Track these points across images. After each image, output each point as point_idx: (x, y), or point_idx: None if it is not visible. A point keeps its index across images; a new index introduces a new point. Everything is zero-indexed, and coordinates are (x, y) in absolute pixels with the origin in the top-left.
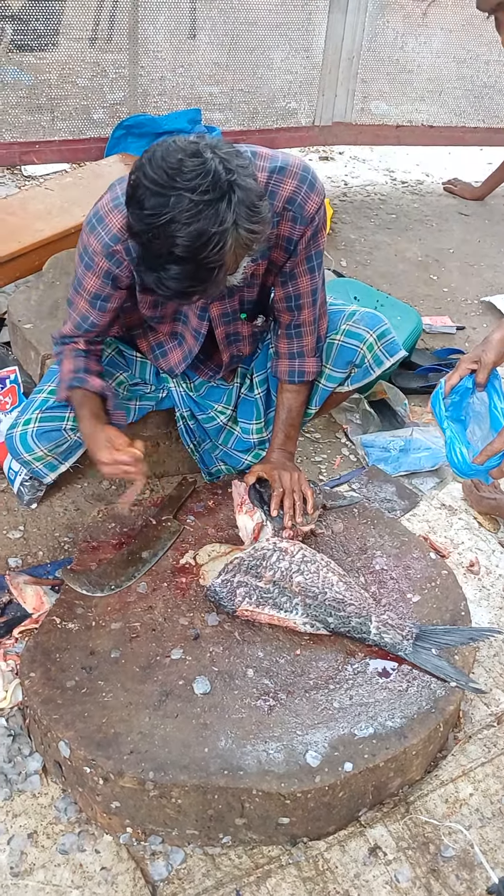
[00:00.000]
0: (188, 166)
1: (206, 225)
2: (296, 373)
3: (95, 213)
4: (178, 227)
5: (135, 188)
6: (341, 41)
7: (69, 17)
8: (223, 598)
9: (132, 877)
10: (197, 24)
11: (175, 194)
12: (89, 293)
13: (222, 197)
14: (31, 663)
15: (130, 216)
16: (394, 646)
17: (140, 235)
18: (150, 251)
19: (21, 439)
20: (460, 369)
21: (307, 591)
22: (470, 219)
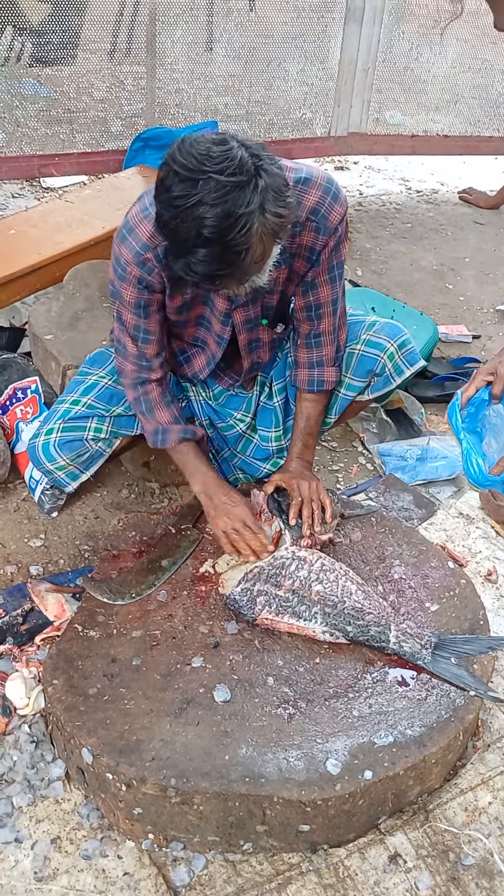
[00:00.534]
0: (216, 152)
1: (233, 206)
2: (315, 382)
3: (125, 224)
4: (206, 209)
5: (163, 178)
6: (356, 52)
7: (88, 30)
8: (243, 606)
9: (154, 882)
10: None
11: (203, 178)
12: (131, 304)
13: (249, 180)
14: (54, 670)
15: (158, 205)
16: (412, 654)
17: (168, 222)
18: (178, 236)
19: (43, 449)
20: (476, 381)
21: (326, 599)
22: (485, 227)
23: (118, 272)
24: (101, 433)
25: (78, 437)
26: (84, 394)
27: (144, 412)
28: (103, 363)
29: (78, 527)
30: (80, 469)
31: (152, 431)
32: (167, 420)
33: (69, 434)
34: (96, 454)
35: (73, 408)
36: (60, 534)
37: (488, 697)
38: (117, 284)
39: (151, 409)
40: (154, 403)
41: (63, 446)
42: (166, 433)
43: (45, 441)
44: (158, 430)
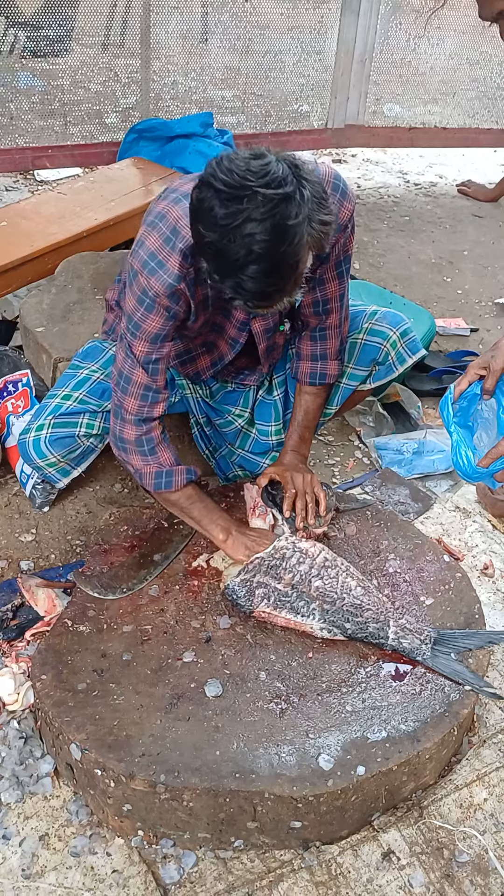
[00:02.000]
0: (255, 166)
1: (281, 219)
2: (317, 375)
3: (152, 257)
4: (255, 226)
5: (201, 200)
6: (353, 44)
7: (82, 22)
8: (241, 597)
9: (143, 880)
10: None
11: (248, 193)
12: (150, 334)
13: (294, 191)
14: (43, 666)
15: (201, 227)
16: (412, 651)
17: (214, 243)
18: (227, 256)
19: (34, 445)
20: (469, 375)
21: (325, 596)
22: (484, 220)
23: (144, 303)
24: (93, 429)
25: (69, 434)
26: (76, 388)
27: (146, 452)
28: (95, 357)
29: (70, 521)
30: (72, 465)
31: (153, 474)
32: (170, 461)
33: (60, 430)
34: (88, 450)
35: (64, 403)
36: (52, 528)
37: (487, 694)
38: (138, 315)
39: (154, 450)
40: (157, 443)
41: (54, 443)
42: (171, 475)
43: (36, 437)
44: (161, 472)
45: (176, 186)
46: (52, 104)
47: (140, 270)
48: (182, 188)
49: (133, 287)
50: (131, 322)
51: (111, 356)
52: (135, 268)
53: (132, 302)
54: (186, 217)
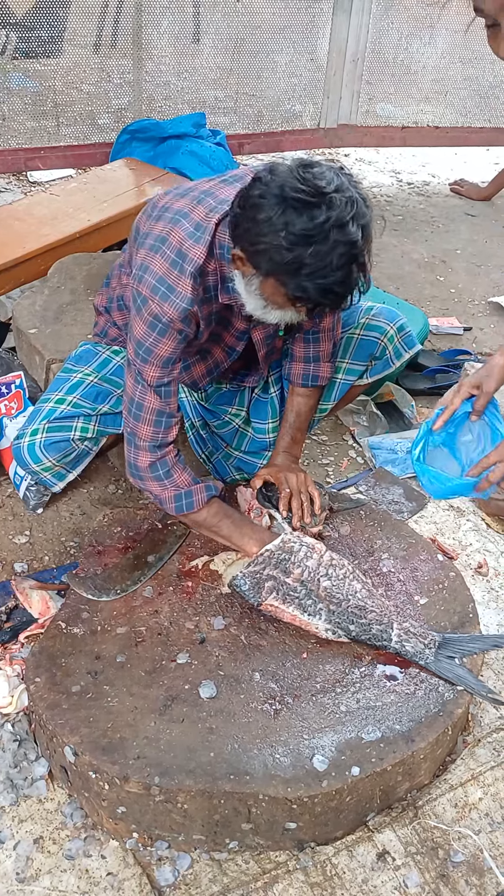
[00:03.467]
0: (317, 173)
1: (363, 218)
2: (310, 377)
3: (161, 282)
4: (346, 228)
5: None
6: (345, 43)
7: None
8: (248, 589)
9: (138, 882)
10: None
11: (326, 200)
12: (161, 359)
13: (358, 193)
14: (37, 668)
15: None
16: (415, 654)
17: (301, 254)
18: (318, 262)
19: (29, 450)
20: (461, 394)
21: (332, 597)
22: (477, 219)
23: (157, 328)
24: (87, 432)
25: (64, 438)
26: (69, 392)
27: (162, 477)
28: (88, 360)
29: (64, 523)
30: (67, 469)
31: (172, 497)
32: (188, 482)
33: (55, 434)
34: (83, 453)
35: (58, 407)
36: (45, 530)
37: (492, 700)
38: (150, 341)
39: (169, 473)
40: (171, 465)
41: (49, 447)
42: (191, 496)
43: (31, 442)
44: (181, 494)
45: (166, 204)
46: (45, 105)
47: (150, 297)
48: (175, 205)
49: (143, 313)
50: (142, 348)
51: (105, 359)
52: (143, 294)
53: (142, 328)
54: (190, 239)
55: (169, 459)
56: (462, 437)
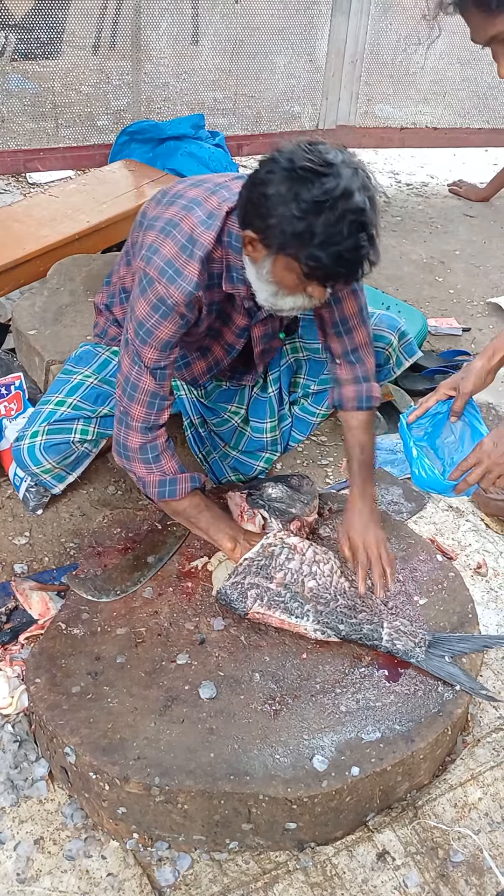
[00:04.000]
0: (323, 148)
1: (370, 188)
2: (363, 398)
3: (169, 265)
4: (354, 195)
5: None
6: (344, 44)
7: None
8: (235, 600)
9: (139, 883)
10: (199, 30)
11: (333, 170)
12: (161, 341)
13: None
14: (37, 669)
15: (289, 210)
16: (406, 653)
17: (313, 222)
18: (328, 229)
19: (29, 452)
20: (438, 394)
21: (319, 597)
22: (475, 220)
23: (160, 310)
24: (87, 434)
25: (64, 440)
26: (69, 394)
27: (150, 461)
28: (88, 362)
29: (63, 524)
30: (67, 471)
31: (156, 482)
32: (174, 469)
33: (55, 437)
34: (83, 455)
35: (58, 409)
36: (45, 531)
37: (483, 696)
38: (152, 323)
39: (158, 458)
40: (161, 450)
41: (49, 449)
42: (175, 483)
43: (31, 444)
44: (165, 480)
45: (179, 192)
46: (44, 106)
47: (157, 278)
48: (188, 193)
49: (148, 294)
50: (142, 328)
51: (104, 360)
52: (150, 275)
53: (145, 309)
54: (202, 226)
55: (159, 444)
56: (444, 439)
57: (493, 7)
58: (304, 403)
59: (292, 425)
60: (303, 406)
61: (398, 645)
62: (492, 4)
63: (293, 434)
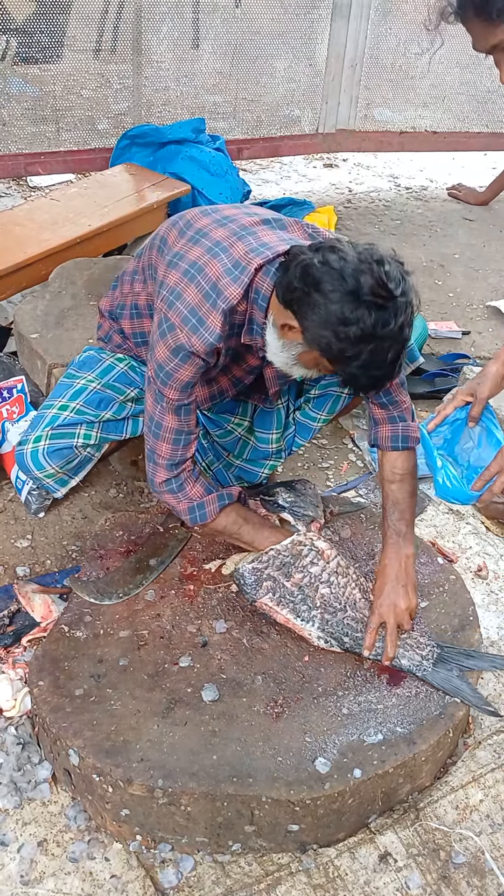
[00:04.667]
0: (389, 273)
1: (409, 323)
2: (399, 437)
3: (193, 313)
4: (398, 331)
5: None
6: (344, 48)
7: (73, 29)
8: (248, 584)
9: (142, 884)
10: (200, 34)
11: (394, 305)
12: (181, 383)
13: (412, 297)
14: (40, 672)
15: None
16: (411, 667)
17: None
18: (374, 357)
19: (32, 457)
20: (455, 401)
21: (328, 605)
22: (474, 223)
23: (180, 355)
24: (90, 439)
25: (67, 445)
26: (72, 399)
27: (174, 490)
28: (92, 366)
29: (65, 527)
30: (70, 475)
31: (186, 510)
32: (200, 494)
33: (58, 441)
34: (86, 459)
35: (61, 413)
36: (47, 534)
37: (489, 713)
38: (172, 366)
39: (182, 486)
40: (184, 479)
41: (52, 454)
42: (203, 507)
43: (34, 449)
44: (193, 506)
45: (203, 229)
46: (45, 110)
47: (180, 326)
48: (214, 234)
49: (167, 339)
50: (162, 371)
51: (108, 366)
52: (172, 321)
53: (165, 353)
54: (227, 276)
55: (184, 475)
56: (463, 444)
57: (494, 16)
58: (305, 409)
59: (295, 432)
60: (304, 412)
61: (402, 661)
62: (493, 14)
63: (296, 440)
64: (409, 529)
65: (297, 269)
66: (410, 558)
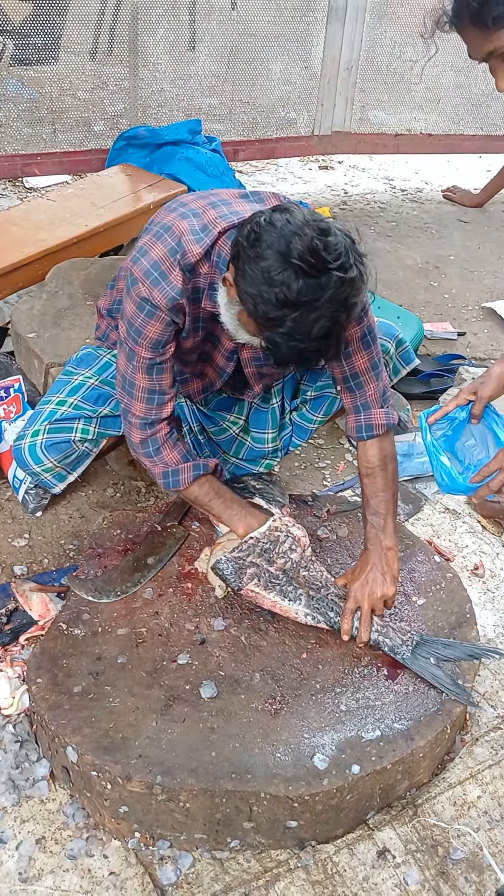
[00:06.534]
0: (329, 244)
1: (349, 301)
2: (363, 427)
3: (155, 267)
4: (329, 306)
5: (268, 271)
6: (339, 51)
7: (69, 30)
8: (231, 573)
9: (141, 882)
10: (196, 36)
11: (326, 276)
12: (151, 340)
13: (358, 275)
14: (38, 669)
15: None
16: (392, 648)
17: (286, 314)
18: (297, 327)
19: (30, 450)
20: (459, 399)
21: (311, 583)
22: (469, 225)
23: (146, 310)
24: (88, 434)
25: (65, 439)
26: (70, 394)
27: (151, 454)
28: (89, 363)
29: (63, 526)
30: (67, 470)
31: (161, 474)
32: (176, 460)
33: (56, 435)
34: (83, 455)
35: (59, 409)
36: (45, 533)
37: (463, 701)
38: (139, 322)
39: (159, 450)
40: (161, 443)
41: (50, 448)
42: (177, 474)
43: (32, 443)
44: (168, 472)
45: (184, 201)
46: (41, 112)
47: (142, 279)
48: (191, 204)
49: (132, 294)
50: (132, 328)
51: (106, 362)
52: (135, 275)
53: (132, 308)
54: (191, 234)
55: (160, 437)
56: (465, 442)
57: (489, 24)
58: (302, 410)
59: (292, 433)
60: (301, 413)
61: (386, 640)
62: (488, 22)
63: (293, 440)
64: (388, 522)
65: (246, 227)
66: (391, 550)
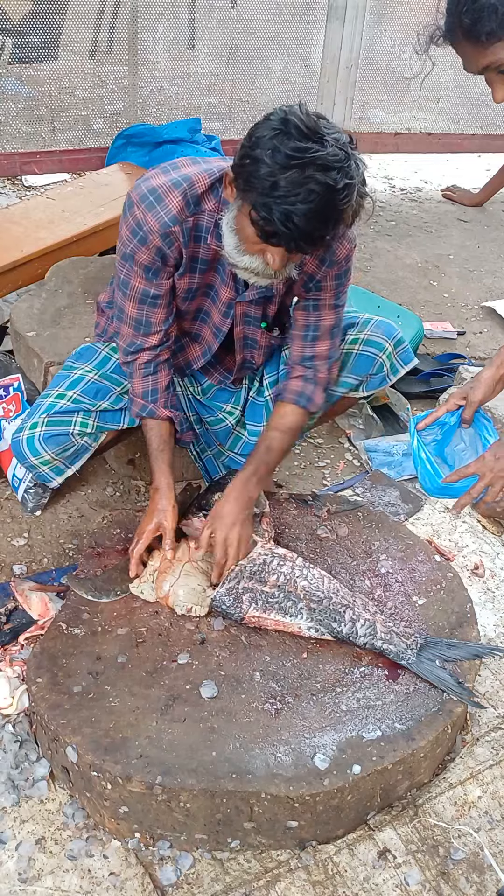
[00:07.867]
0: (327, 124)
1: (346, 172)
2: (305, 396)
3: (152, 191)
4: (322, 169)
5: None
6: (339, 50)
7: (69, 29)
8: (230, 606)
9: (141, 882)
10: (195, 35)
11: (321, 141)
12: (143, 265)
13: (353, 157)
14: (38, 669)
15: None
16: (397, 654)
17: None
18: (285, 185)
19: (28, 443)
20: (448, 404)
21: (312, 595)
22: (469, 225)
23: (138, 235)
24: (86, 427)
25: (63, 432)
26: (69, 388)
27: (128, 377)
28: (89, 358)
29: (62, 525)
30: (66, 464)
31: (129, 398)
32: (137, 392)
33: (54, 428)
34: (82, 449)
35: (58, 402)
36: (44, 532)
37: (470, 703)
38: (131, 247)
39: (132, 376)
40: (135, 370)
41: (48, 440)
42: (132, 401)
43: (30, 435)
44: (130, 398)
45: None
46: (40, 110)
47: (137, 203)
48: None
49: (127, 218)
50: (125, 254)
51: (105, 357)
52: (132, 198)
53: (125, 233)
54: (201, 171)
55: (136, 364)
56: (455, 446)
57: (483, 39)
58: None
59: None
60: None
61: (391, 646)
62: (482, 36)
63: None
64: (267, 477)
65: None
66: (253, 496)
